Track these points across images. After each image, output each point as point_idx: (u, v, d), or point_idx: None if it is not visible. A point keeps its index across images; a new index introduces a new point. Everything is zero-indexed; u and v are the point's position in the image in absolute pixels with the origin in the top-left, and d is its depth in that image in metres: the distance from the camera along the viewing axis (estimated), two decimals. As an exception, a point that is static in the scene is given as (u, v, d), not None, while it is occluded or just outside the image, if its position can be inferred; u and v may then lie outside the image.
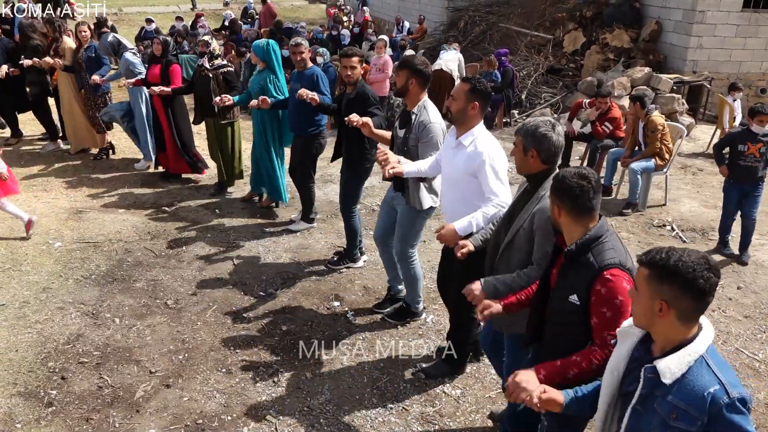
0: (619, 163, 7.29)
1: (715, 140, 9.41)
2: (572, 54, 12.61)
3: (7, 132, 8.61)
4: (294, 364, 4.10)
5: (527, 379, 2.16)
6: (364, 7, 19.82)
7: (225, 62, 6.86)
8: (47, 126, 8.47)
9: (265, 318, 4.63)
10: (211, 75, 6.47)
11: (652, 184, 7.17)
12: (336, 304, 4.86)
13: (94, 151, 8.30)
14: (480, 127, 3.46)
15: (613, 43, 11.93)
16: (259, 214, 6.57)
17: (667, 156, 6.97)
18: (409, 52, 12.25)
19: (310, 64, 5.69)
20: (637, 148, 7.21)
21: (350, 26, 17.85)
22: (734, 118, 9.06)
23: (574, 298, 2.29)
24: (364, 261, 5.53)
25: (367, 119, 4.26)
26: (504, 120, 10.79)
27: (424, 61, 4.14)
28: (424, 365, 4.09)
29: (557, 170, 2.57)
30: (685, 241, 6.30)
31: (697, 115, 10.98)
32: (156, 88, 6.69)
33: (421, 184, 4.04)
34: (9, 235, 5.84)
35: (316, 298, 4.94)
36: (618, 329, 2.01)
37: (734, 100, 9.12)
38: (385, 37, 12.04)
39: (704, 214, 7.01)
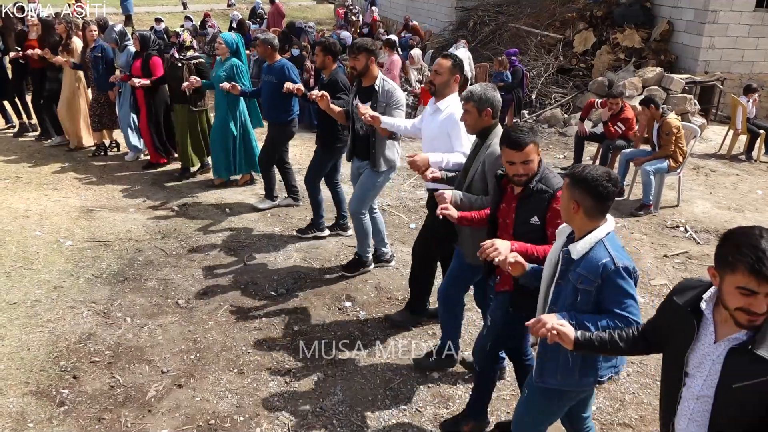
0: (632, 163, 7.22)
1: (728, 141, 9.36)
2: (582, 54, 12.52)
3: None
4: (306, 365, 4.07)
5: (503, 244, 2.72)
6: (373, 7, 19.78)
7: (197, 54, 7.20)
8: (53, 123, 8.56)
9: (277, 318, 4.61)
10: (181, 64, 6.83)
11: (665, 185, 7.11)
12: (348, 304, 4.83)
13: (92, 148, 8.41)
14: (455, 96, 4.01)
15: (624, 43, 11.84)
16: (269, 213, 6.55)
17: (680, 158, 6.90)
18: (415, 51, 12.21)
19: (278, 57, 6.17)
20: (650, 147, 7.15)
21: (359, 26, 17.81)
22: (747, 118, 8.98)
23: (535, 219, 2.91)
24: (329, 233, 6.03)
25: (324, 93, 4.85)
26: (514, 120, 10.73)
27: (374, 42, 4.98)
28: (395, 316, 4.57)
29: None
30: (699, 243, 6.23)
31: (709, 115, 10.88)
32: (136, 80, 6.94)
33: (386, 144, 4.70)
34: (20, 233, 5.84)
35: (328, 298, 4.91)
36: (557, 230, 2.61)
37: (748, 101, 9.02)
38: (393, 37, 11.99)
39: (718, 215, 6.94)
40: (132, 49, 7.46)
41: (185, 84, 6.61)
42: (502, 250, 2.66)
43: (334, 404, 3.71)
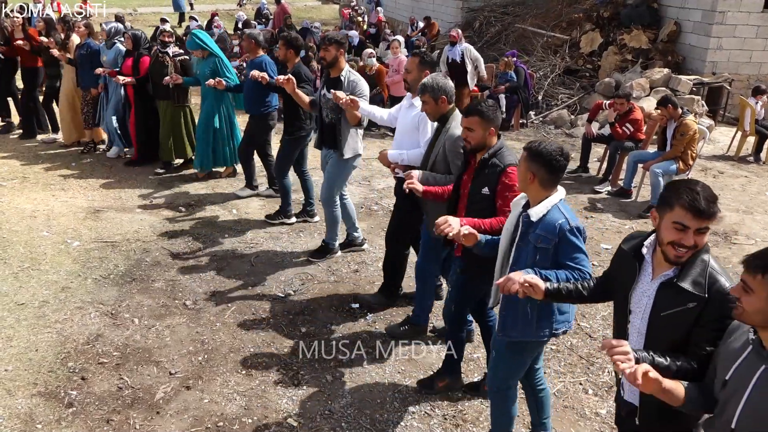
0: (640, 166, 7.18)
1: (736, 143, 9.31)
2: (589, 55, 12.48)
3: None
4: (314, 367, 4.06)
5: (454, 220, 3.00)
6: (378, 8, 19.76)
7: (182, 51, 7.37)
8: (51, 119, 8.77)
9: (285, 319, 4.60)
10: (168, 62, 7.05)
11: (673, 186, 7.07)
12: (355, 305, 4.81)
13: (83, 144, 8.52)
14: None
15: (631, 44, 11.80)
16: (276, 214, 6.54)
17: (690, 161, 6.87)
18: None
19: (261, 52, 6.47)
20: (657, 148, 7.11)
21: (364, 27, 17.79)
22: (756, 120, 8.93)
23: (485, 190, 3.23)
24: (317, 220, 6.32)
25: (290, 77, 5.15)
26: (521, 122, 10.70)
27: (343, 36, 5.30)
28: (368, 297, 4.81)
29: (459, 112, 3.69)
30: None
31: (716, 117, 10.83)
32: (121, 78, 7.17)
33: (358, 131, 5.03)
34: (27, 234, 5.84)
35: (335, 299, 4.90)
36: (512, 202, 2.95)
37: (756, 102, 8.97)
38: (400, 37, 11.96)
39: (726, 217, 6.90)
40: (121, 47, 7.52)
41: (166, 78, 6.87)
42: (454, 225, 2.95)
43: (343, 407, 3.70)
